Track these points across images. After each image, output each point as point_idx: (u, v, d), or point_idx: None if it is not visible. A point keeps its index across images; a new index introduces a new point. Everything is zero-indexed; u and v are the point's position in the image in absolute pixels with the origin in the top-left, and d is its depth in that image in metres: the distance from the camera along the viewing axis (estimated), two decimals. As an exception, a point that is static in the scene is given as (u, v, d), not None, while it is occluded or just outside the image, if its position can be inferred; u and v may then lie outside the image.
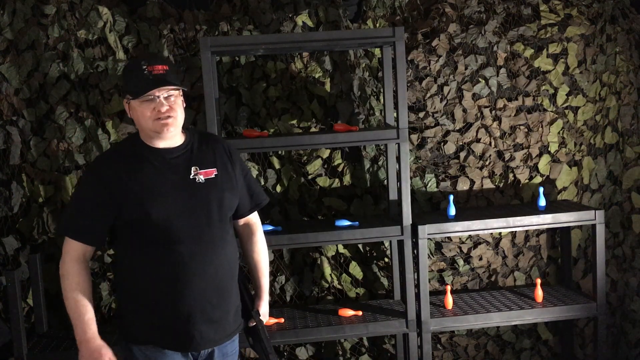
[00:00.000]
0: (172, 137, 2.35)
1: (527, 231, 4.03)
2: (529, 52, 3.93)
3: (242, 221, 2.59)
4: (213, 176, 2.37)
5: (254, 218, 2.62)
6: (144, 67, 2.25)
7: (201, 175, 2.34)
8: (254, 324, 2.52)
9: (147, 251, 2.29)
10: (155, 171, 2.30)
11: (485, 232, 3.66)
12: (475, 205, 3.99)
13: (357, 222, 3.55)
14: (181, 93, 2.34)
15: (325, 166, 3.87)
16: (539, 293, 3.75)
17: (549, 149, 3.99)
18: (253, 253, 2.61)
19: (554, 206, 3.80)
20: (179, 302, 2.28)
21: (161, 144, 2.34)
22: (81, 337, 2.27)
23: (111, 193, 2.26)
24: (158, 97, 2.25)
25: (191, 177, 2.33)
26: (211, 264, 2.31)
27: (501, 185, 4.00)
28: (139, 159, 2.31)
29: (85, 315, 2.27)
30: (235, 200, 2.44)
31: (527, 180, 4.00)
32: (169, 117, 2.26)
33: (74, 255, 2.30)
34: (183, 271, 2.27)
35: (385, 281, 3.95)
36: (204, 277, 2.29)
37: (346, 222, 3.53)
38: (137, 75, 2.26)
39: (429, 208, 3.96)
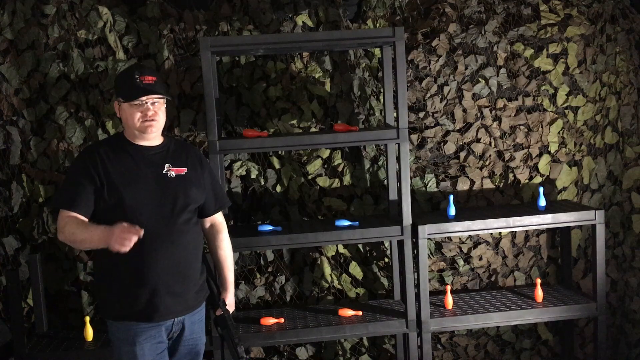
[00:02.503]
0: (153, 138, 2.69)
1: (527, 231, 4.03)
2: (529, 52, 3.93)
3: (208, 221, 2.89)
4: (183, 174, 2.69)
5: (219, 218, 2.92)
6: (137, 76, 2.60)
7: (173, 172, 2.67)
8: (221, 313, 2.81)
9: None
10: (133, 163, 2.63)
11: (485, 232, 3.66)
12: (475, 205, 3.99)
13: (357, 222, 3.55)
14: (165, 100, 2.67)
15: (325, 166, 3.86)
16: (539, 293, 3.75)
17: (549, 149, 3.99)
18: (219, 250, 2.91)
19: (554, 206, 3.80)
20: (145, 277, 2.58)
21: (142, 142, 2.68)
22: (103, 231, 2.46)
23: (97, 175, 2.58)
24: (146, 102, 2.60)
25: (164, 171, 2.65)
26: (174, 246, 2.60)
27: (501, 185, 4.00)
28: (122, 151, 2.65)
29: (95, 226, 2.52)
30: (201, 195, 2.75)
31: (527, 180, 4.00)
32: (152, 120, 2.62)
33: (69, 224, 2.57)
34: (149, 250, 2.56)
35: (385, 281, 3.95)
36: (167, 256, 2.59)
37: (346, 222, 3.53)
38: (130, 83, 2.61)
39: (429, 208, 3.96)
